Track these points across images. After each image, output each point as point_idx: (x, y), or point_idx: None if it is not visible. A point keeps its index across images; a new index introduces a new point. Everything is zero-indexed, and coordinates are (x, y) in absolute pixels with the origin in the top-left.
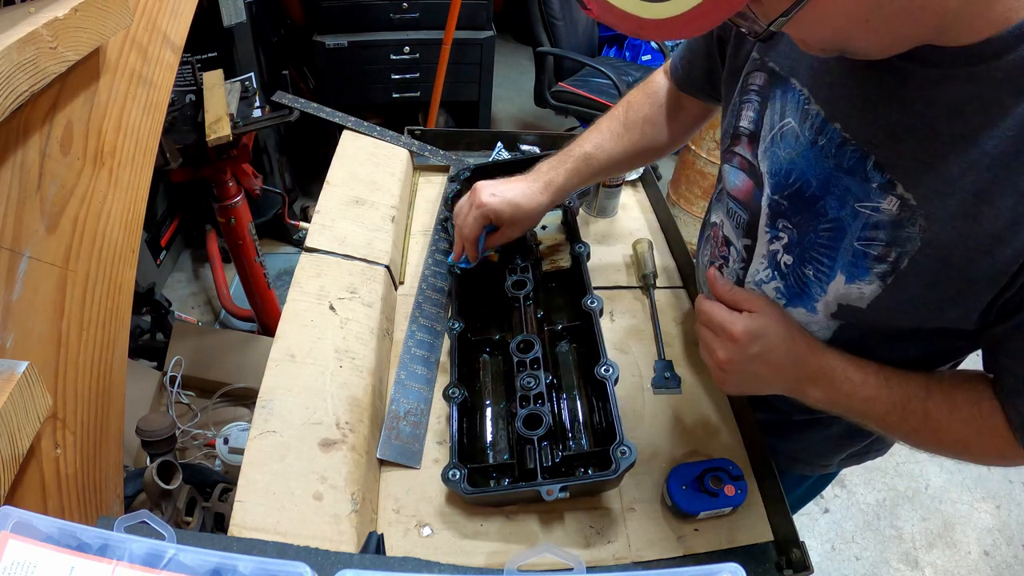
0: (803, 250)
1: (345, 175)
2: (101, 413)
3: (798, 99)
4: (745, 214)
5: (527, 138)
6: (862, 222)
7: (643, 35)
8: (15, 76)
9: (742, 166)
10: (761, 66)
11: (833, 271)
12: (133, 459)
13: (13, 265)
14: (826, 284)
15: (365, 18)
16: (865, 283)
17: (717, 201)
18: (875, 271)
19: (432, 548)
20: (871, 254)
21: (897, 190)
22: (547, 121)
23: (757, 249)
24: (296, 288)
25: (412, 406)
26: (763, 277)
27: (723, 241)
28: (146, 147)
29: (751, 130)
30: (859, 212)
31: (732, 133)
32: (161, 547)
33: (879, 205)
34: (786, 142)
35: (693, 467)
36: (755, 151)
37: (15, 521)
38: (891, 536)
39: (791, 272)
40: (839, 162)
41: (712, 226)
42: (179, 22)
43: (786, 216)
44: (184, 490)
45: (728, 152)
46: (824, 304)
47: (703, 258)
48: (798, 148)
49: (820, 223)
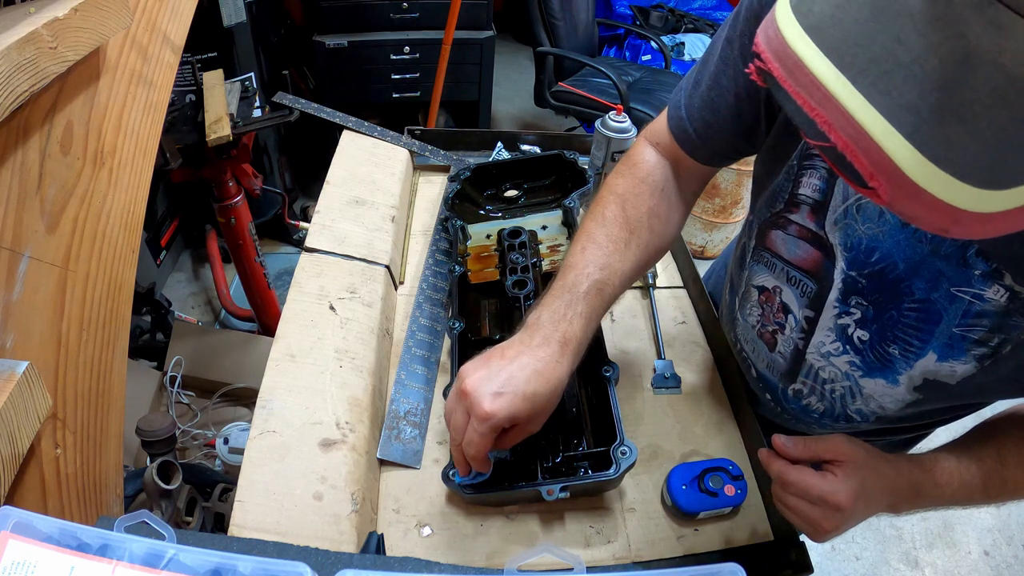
0: (884, 328)
1: (345, 175)
2: (101, 413)
3: None
4: (814, 284)
5: (527, 138)
6: (961, 308)
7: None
8: (15, 76)
9: (803, 235)
10: None
11: (924, 351)
12: (133, 459)
13: (13, 265)
14: (914, 361)
15: (365, 18)
16: (960, 363)
17: (758, 262)
18: (973, 353)
19: (432, 548)
20: (971, 337)
21: (1005, 280)
22: (547, 121)
23: (821, 322)
24: (296, 288)
25: (412, 406)
26: (831, 350)
27: (780, 308)
28: (146, 147)
29: (816, 199)
30: (957, 297)
31: (786, 199)
32: (161, 547)
33: (983, 294)
34: (866, 216)
35: (693, 467)
36: (820, 221)
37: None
38: (891, 536)
39: (869, 348)
40: (935, 248)
41: (763, 291)
42: (179, 22)
43: (862, 294)
44: (184, 490)
45: (780, 217)
46: (908, 378)
47: (748, 318)
48: (883, 226)
49: (904, 303)
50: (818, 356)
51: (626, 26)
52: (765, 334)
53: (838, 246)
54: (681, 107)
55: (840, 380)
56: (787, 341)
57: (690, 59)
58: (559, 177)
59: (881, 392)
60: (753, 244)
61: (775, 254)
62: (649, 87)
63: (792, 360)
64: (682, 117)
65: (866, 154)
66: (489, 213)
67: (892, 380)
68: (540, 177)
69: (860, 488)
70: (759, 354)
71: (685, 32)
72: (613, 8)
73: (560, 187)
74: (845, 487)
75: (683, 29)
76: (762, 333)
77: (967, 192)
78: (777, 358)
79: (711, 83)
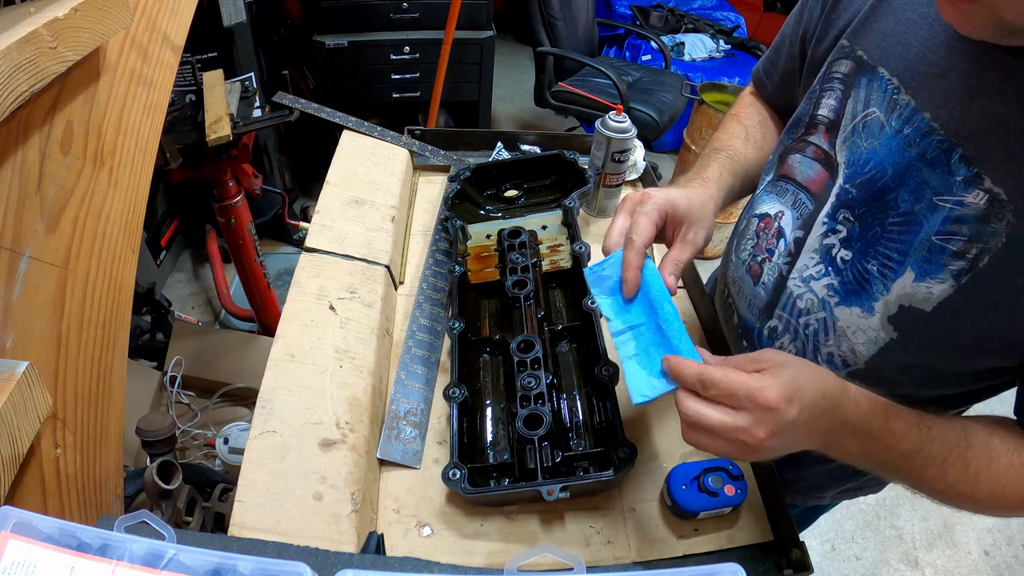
0: (866, 244)
1: (345, 175)
2: (101, 413)
3: (885, 88)
4: (812, 204)
5: (527, 138)
6: (941, 216)
7: None
8: (15, 76)
9: (816, 156)
10: (849, 53)
11: (903, 266)
12: (133, 459)
13: (13, 265)
14: (891, 281)
15: (365, 18)
16: (936, 281)
17: (769, 192)
18: (951, 268)
19: (432, 548)
20: (950, 249)
21: (985, 184)
22: (547, 121)
23: (808, 243)
24: (296, 288)
25: (412, 406)
26: (813, 273)
27: (776, 233)
28: (146, 147)
29: (830, 119)
30: (938, 206)
31: (807, 122)
32: (161, 547)
33: (963, 199)
34: (869, 131)
35: (693, 467)
36: (832, 140)
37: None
38: (891, 536)
39: (849, 267)
40: (922, 152)
41: (764, 217)
42: (179, 22)
43: (850, 207)
44: (184, 490)
45: (800, 141)
46: (884, 304)
47: (741, 253)
48: (881, 137)
49: (888, 217)
50: (799, 281)
51: (626, 26)
52: (753, 266)
53: (842, 164)
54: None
55: (815, 311)
56: (772, 268)
57: (690, 59)
58: (559, 177)
59: (855, 326)
60: (770, 177)
61: (790, 179)
62: (649, 87)
63: (773, 290)
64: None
65: None
66: (489, 213)
67: (868, 308)
68: (540, 177)
69: (793, 387)
70: (743, 293)
71: (685, 32)
72: (613, 8)
73: (560, 187)
74: (775, 382)
75: (683, 29)
76: (751, 266)
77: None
78: (760, 291)
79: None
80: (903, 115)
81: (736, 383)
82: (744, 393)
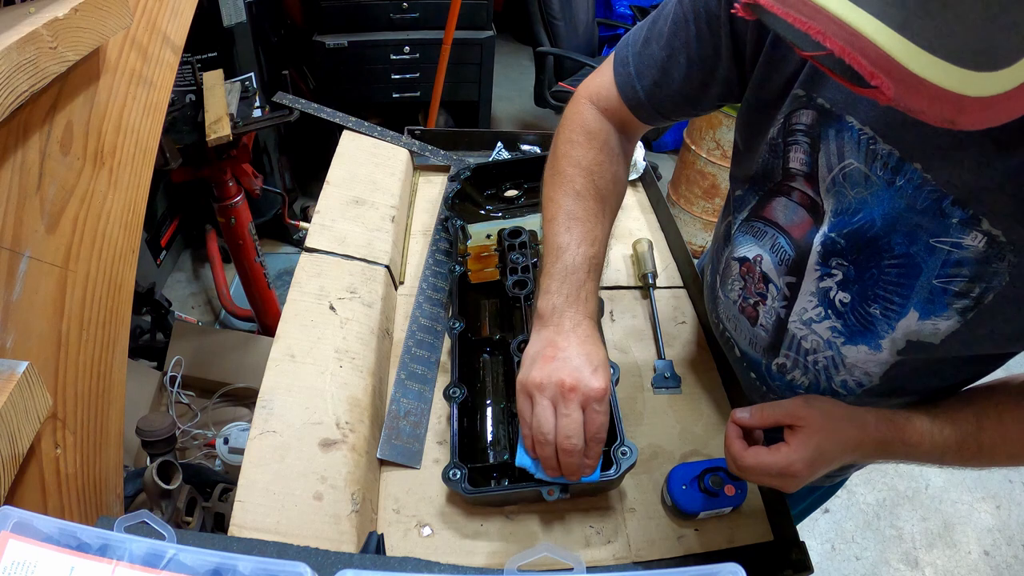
0: (864, 286)
1: (345, 175)
2: (101, 413)
3: (858, 139)
4: (792, 251)
5: (527, 138)
6: (940, 259)
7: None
8: (15, 76)
9: (802, 201)
10: (808, 103)
11: (905, 308)
12: (133, 459)
13: (13, 265)
14: (895, 321)
15: (365, 18)
16: (942, 319)
17: (745, 232)
18: (955, 306)
19: (432, 548)
20: (952, 290)
21: (983, 226)
22: (547, 121)
23: (804, 287)
24: (296, 288)
25: (412, 406)
26: (813, 316)
27: (760, 277)
28: (146, 147)
29: (806, 172)
30: (935, 248)
31: (781, 174)
32: (161, 547)
33: (961, 241)
34: (852, 182)
35: (693, 467)
36: (816, 189)
37: (15, 521)
38: (891, 536)
39: (850, 311)
40: (911, 202)
41: (744, 261)
42: (179, 22)
43: (842, 255)
44: (184, 490)
45: (782, 185)
46: (891, 341)
47: (729, 294)
48: (870, 188)
49: (884, 259)
50: (800, 324)
51: (626, 26)
52: (747, 308)
53: (828, 212)
54: (630, 65)
55: (822, 350)
56: (769, 312)
57: None
58: None
59: (864, 360)
60: (743, 216)
61: (770, 221)
62: None
63: (774, 331)
64: (631, 74)
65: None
66: (489, 213)
67: (875, 346)
68: (540, 177)
69: (816, 454)
70: (741, 331)
71: None
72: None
73: None
74: (799, 456)
75: None
76: (744, 307)
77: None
78: (759, 331)
79: (663, 44)
80: (889, 165)
81: (768, 465)
82: (776, 472)
